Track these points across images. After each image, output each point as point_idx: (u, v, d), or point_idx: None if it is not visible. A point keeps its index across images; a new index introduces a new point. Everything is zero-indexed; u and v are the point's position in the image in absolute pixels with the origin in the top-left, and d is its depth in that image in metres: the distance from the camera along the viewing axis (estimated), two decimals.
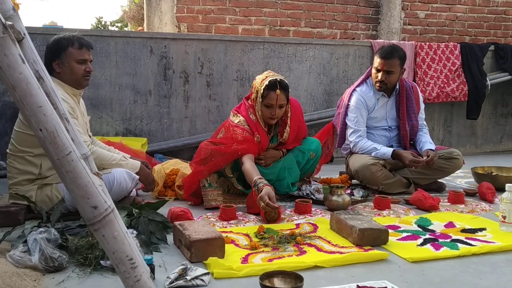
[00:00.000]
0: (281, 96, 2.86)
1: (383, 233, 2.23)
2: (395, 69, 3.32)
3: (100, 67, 4.17)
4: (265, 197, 2.45)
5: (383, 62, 3.30)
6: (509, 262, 2.05)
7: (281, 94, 2.86)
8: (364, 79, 3.52)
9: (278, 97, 2.85)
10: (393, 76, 3.33)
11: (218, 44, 4.52)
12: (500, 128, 5.71)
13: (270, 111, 2.91)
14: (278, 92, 2.84)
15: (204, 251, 2.00)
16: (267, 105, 2.90)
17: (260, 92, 2.89)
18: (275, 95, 2.85)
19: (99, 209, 1.19)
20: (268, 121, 2.97)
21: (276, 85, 2.85)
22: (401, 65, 3.35)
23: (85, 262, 1.91)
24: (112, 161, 2.67)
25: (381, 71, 3.32)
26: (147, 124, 4.37)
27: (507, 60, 5.44)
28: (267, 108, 2.91)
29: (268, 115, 2.93)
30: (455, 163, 3.38)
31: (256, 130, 2.96)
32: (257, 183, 2.62)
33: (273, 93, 2.85)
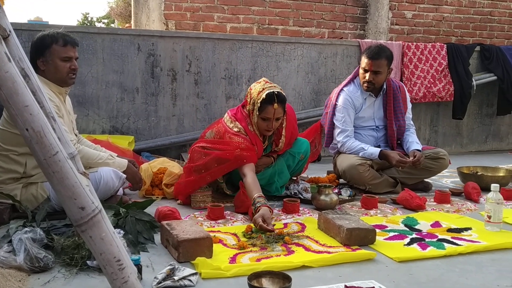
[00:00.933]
0: (278, 109, 2.80)
1: (371, 233, 2.24)
2: (382, 69, 3.33)
3: (87, 64, 4.13)
4: (258, 219, 2.36)
5: (371, 63, 3.31)
6: (495, 262, 2.08)
7: (279, 107, 2.80)
8: (352, 79, 3.53)
9: (275, 111, 2.79)
10: (380, 76, 3.35)
11: (206, 42, 4.51)
12: (485, 128, 5.78)
13: (267, 124, 2.85)
14: (276, 106, 2.78)
15: (192, 251, 1.98)
16: (263, 118, 2.84)
17: (257, 104, 2.82)
18: (273, 109, 2.79)
19: (86, 210, 1.18)
20: (264, 133, 2.93)
21: (274, 98, 2.78)
22: (388, 65, 3.37)
23: (71, 262, 1.89)
24: (98, 160, 2.65)
25: (369, 72, 3.33)
26: (134, 122, 4.34)
27: (492, 61, 5.51)
28: (264, 121, 2.85)
29: (264, 127, 2.88)
30: (441, 163, 3.41)
31: (255, 141, 2.91)
32: (255, 202, 2.52)
33: (270, 107, 2.79)
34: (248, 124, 2.93)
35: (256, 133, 2.94)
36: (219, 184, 3.03)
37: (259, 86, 2.88)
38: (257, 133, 2.94)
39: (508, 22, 7.03)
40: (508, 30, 7.05)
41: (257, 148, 2.91)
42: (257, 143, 2.92)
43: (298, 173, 3.35)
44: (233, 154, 2.79)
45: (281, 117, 2.90)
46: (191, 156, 2.97)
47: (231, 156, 2.78)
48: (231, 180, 3.08)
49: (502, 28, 7.00)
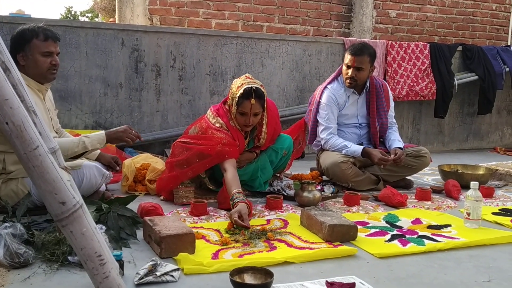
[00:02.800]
0: (255, 105, 2.81)
1: (352, 229, 2.27)
2: (365, 66, 3.37)
3: (70, 59, 4.08)
4: (234, 215, 2.36)
5: (353, 59, 3.35)
6: (472, 258, 2.12)
7: (256, 103, 2.81)
8: (335, 77, 3.56)
9: (252, 106, 2.80)
10: (363, 73, 3.38)
11: (191, 38, 4.49)
12: (466, 127, 5.87)
13: (245, 119, 2.87)
14: (253, 101, 2.79)
15: (175, 247, 1.98)
16: (241, 112, 2.85)
17: (235, 99, 2.84)
18: (250, 104, 2.80)
19: (67, 205, 1.17)
20: (242, 128, 2.94)
21: (251, 93, 2.79)
22: (371, 62, 3.40)
23: (52, 258, 1.87)
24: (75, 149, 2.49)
25: (351, 68, 3.37)
26: (118, 117, 4.31)
27: (474, 61, 5.59)
28: (242, 116, 2.86)
29: (242, 122, 2.89)
30: (423, 161, 3.45)
31: (236, 137, 2.91)
32: (233, 198, 2.54)
33: (247, 102, 2.80)
34: (230, 119, 2.94)
35: (237, 128, 2.94)
36: (201, 179, 3.03)
37: (240, 81, 2.89)
38: (239, 128, 2.95)
39: (490, 23, 7.14)
40: (489, 30, 7.16)
41: (239, 143, 2.92)
42: (238, 138, 2.93)
43: (282, 170, 3.36)
44: (215, 149, 2.79)
45: (260, 113, 2.90)
46: (173, 151, 2.97)
47: (213, 151, 2.79)
48: (214, 176, 3.08)
49: (484, 29, 7.11)
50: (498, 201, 3.17)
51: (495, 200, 3.19)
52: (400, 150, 3.33)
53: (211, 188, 3.04)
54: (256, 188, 3.09)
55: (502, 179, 3.82)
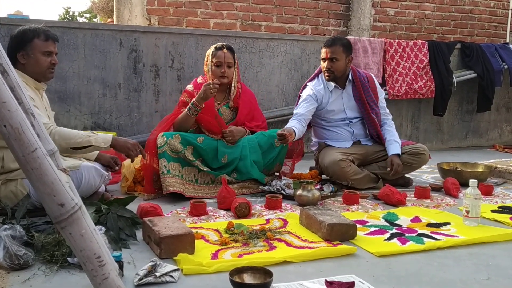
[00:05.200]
0: (228, 54, 3.24)
1: (352, 228, 2.27)
2: (339, 56, 3.38)
3: (68, 60, 4.08)
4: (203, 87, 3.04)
5: (326, 50, 3.40)
6: (472, 256, 2.12)
7: (228, 53, 3.25)
8: (316, 74, 3.62)
9: (225, 55, 3.23)
10: (338, 63, 3.39)
11: (189, 38, 4.49)
12: (465, 125, 5.87)
13: (220, 70, 3.23)
14: (225, 51, 3.24)
15: (174, 247, 1.99)
16: (216, 64, 3.23)
17: (210, 55, 3.27)
18: (223, 53, 3.23)
19: (65, 207, 1.17)
20: (219, 80, 3.22)
21: (223, 46, 3.27)
22: (345, 52, 3.41)
23: (51, 260, 1.88)
24: (78, 139, 2.49)
25: (326, 60, 3.40)
26: (117, 118, 4.30)
27: (472, 58, 5.58)
28: (217, 68, 3.24)
29: (218, 73, 3.23)
30: (422, 158, 3.46)
31: (198, 89, 3.19)
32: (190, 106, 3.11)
33: (220, 52, 3.23)
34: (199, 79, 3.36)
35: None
36: (193, 165, 3.08)
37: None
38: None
39: (488, 20, 7.13)
40: (488, 28, 7.15)
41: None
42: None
43: (279, 166, 3.40)
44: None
45: (232, 65, 3.29)
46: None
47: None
48: (206, 163, 3.15)
49: (482, 26, 7.10)
50: (497, 199, 3.17)
51: (494, 198, 3.19)
52: (396, 158, 3.33)
53: (205, 170, 3.09)
54: (249, 169, 3.13)
55: (501, 177, 3.83)
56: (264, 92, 4.82)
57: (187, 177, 3.05)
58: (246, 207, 2.63)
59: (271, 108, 4.85)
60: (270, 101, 4.86)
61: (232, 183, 3.13)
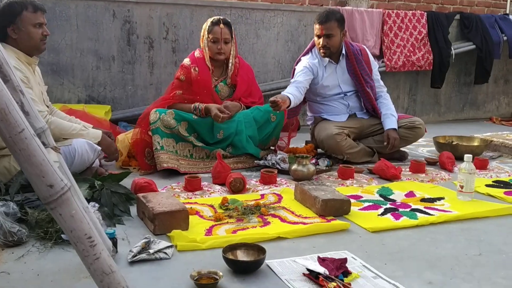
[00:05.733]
0: (224, 30, 3.13)
1: (345, 204, 2.28)
2: (334, 32, 3.33)
3: (60, 31, 4.01)
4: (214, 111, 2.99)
5: (321, 27, 3.33)
6: (464, 231, 2.14)
7: (225, 28, 3.14)
8: (310, 49, 3.56)
9: (222, 30, 3.12)
10: (334, 39, 3.35)
11: (184, 8, 4.40)
12: (463, 97, 5.84)
13: (217, 46, 3.14)
14: (222, 26, 3.13)
15: (168, 224, 1.99)
16: (213, 40, 3.14)
17: (206, 30, 3.17)
18: (219, 29, 3.12)
19: (55, 188, 1.16)
20: (216, 56, 3.17)
21: (219, 21, 3.15)
22: (340, 27, 3.36)
23: (45, 236, 1.88)
24: (72, 131, 2.61)
25: (322, 37, 3.34)
26: (111, 91, 4.26)
27: (471, 30, 5.51)
28: (214, 44, 3.14)
29: (215, 50, 3.15)
30: (417, 132, 3.45)
31: (196, 64, 3.17)
32: (196, 107, 3.07)
33: (217, 27, 3.13)
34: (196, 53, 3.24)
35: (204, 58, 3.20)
36: (188, 141, 3.07)
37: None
38: (206, 58, 3.19)
39: None
40: None
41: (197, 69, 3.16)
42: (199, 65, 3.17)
43: (275, 140, 3.39)
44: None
45: (229, 40, 3.18)
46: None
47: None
48: (200, 138, 3.13)
49: None
50: (492, 173, 3.18)
51: (489, 172, 3.20)
52: (392, 132, 3.33)
53: (200, 145, 3.09)
54: (244, 144, 3.13)
55: (497, 150, 3.83)
56: (260, 64, 4.76)
57: (182, 152, 3.04)
58: (241, 182, 2.63)
59: (267, 80, 4.81)
60: (266, 73, 4.81)
61: (227, 158, 3.12)
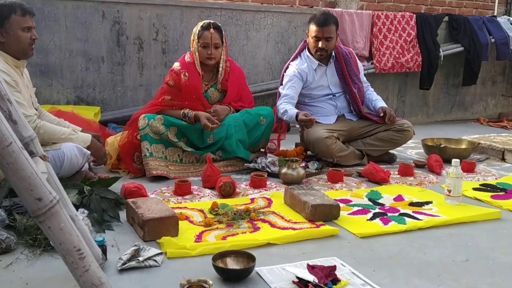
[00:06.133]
0: (215, 35, 3.10)
1: (335, 209, 2.29)
2: (333, 35, 3.42)
3: (49, 32, 3.98)
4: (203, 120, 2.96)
5: (322, 30, 3.38)
6: (452, 236, 2.16)
7: (215, 33, 3.10)
8: (298, 53, 3.60)
9: (212, 35, 3.09)
10: (332, 42, 3.43)
11: (174, 10, 4.39)
12: (451, 98, 5.89)
13: (207, 51, 3.11)
14: (212, 31, 3.09)
15: (158, 230, 1.99)
16: (203, 45, 3.11)
17: (196, 34, 3.13)
18: (210, 34, 3.09)
19: (43, 201, 1.16)
20: (206, 61, 3.15)
21: (210, 25, 3.12)
22: (336, 30, 3.47)
23: (34, 243, 1.87)
24: (61, 136, 2.59)
25: (321, 39, 3.39)
26: (100, 92, 4.24)
27: (460, 31, 5.56)
28: (204, 49, 3.12)
29: (205, 55, 3.12)
30: (406, 135, 3.48)
31: (186, 69, 3.14)
32: (185, 114, 3.06)
33: (207, 32, 3.09)
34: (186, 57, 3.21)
35: (194, 63, 3.18)
36: (177, 146, 3.06)
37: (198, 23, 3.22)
38: (196, 63, 3.17)
39: None
40: None
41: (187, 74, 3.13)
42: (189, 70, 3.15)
43: (265, 142, 3.40)
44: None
45: (220, 45, 3.15)
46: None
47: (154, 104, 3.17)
48: (189, 143, 3.13)
49: None
50: (479, 176, 3.22)
51: (476, 175, 3.23)
52: (386, 107, 3.47)
53: (189, 151, 3.09)
54: (234, 148, 3.13)
55: (484, 153, 3.87)
56: (251, 66, 4.76)
57: (171, 157, 3.03)
58: (230, 187, 2.63)
59: (258, 81, 4.81)
60: (256, 74, 4.82)
61: (217, 161, 3.12)
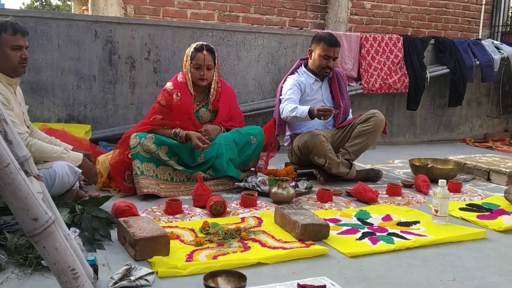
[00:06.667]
0: (207, 56, 3.15)
1: (324, 228, 2.32)
2: (338, 55, 3.68)
3: (41, 51, 4.00)
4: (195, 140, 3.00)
5: (334, 50, 3.57)
6: (439, 256, 2.20)
7: (208, 55, 3.16)
8: (295, 69, 3.76)
9: (205, 57, 3.14)
10: (336, 62, 3.70)
11: (166, 29, 4.45)
12: (438, 119, 6.00)
13: (199, 72, 3.16)
14: (205, 52, 3.15)
15: (149, 249, 2.00)
16: (195, 66, 3.16)
17: (189, 56, 3.19)
18: (202, 55, 3.14)
19: (39, 221, 1.17)
20: (198, 82, 3.20)
21: (203, 47, 3.17)
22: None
23: (25, 263, 1.87)
24: (53, 154, 2.60)
25: (330, 58, 3.58)
26: (91, 110, 4.26)
27: (446, 54, 5.69)
28: (196, 70, 3.17)
29: (197, 76, 3.17)
30: (375, 121, 3.49)
31: (178, 89, 3.19)
32: (177, 133, 3.08)
33: (200, 54, 3.15)
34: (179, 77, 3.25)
35: (186, 83, 3.22)
36: (168, 165, 3.09)
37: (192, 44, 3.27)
38: (188, 83, 3.22)
39: (462, 15, 7.26)
40: (461, 22, 7.28)
41: (180, 94, 3.18)
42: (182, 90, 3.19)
43: (255, 161, 3.42)
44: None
45: (212, 67, 3.20)
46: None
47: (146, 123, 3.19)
48: (180, 162, 3.16)
49: (456, 21, 7.23)
50: (465, 196, 3.27)
51: (463, 195, 3.29)
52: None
53: (180, 169, 3.11)
54: (225, 167, 3.15)
55: (470, 173, 3.93)
56: (241, 85, 4.82)
57: (162, 176, 3.05)
58: (221, 206, 2.65)
59: (248, 101, 4.87)
60: (247, 94, 4.87)
61: (207, 180, 3.14)
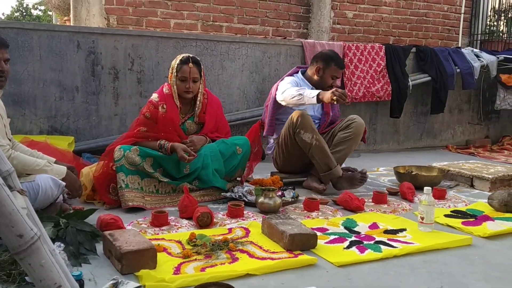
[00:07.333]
0: (193, 69, 3.15)
1: (312, 238, 2.32)
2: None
3: (23, 62, 3.95)
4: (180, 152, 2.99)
5: (342, 72, 3.83)
6: (426, 263, 2.21)
7: (194, 67, 3.15)
8: (290, 74, 3.80)
9: (191, 70, 3.14)
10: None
11: (149, 40, 4.43)
12: (420, 126, 6.07)
13: (185, 85, 3.15)
14: (191, 65, 3.14)
15: (136, 263, 1.97)
16: (181, 78, 3.15)
17: (175, 68, 3.17)
18: (188, 68, 3.13)
19: (24, 238, 1.15)
20: (184, 95, 3.19)
21: (189, 59, 3.17)
22: None
23: (8, 279, 1.82)
24: (35, 167, 2.55)
25: (337, 79, 3.73)
26: (74, 121, 4.21)
27: (427, 62, 5.77)
28: (182, 82, 3.16)
29: (183, 88, 3.16)
30: (355, 126, 3.52)
31: (164, 101, 3.18)
32: (162, 145, 3.07)
33: (186, 66, 3.14)
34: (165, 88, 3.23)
35: (172, 95, 3.21)
36: (153, 177, 3.06)
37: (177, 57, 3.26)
38: (174, 95, 3.21)
39: (442, 24, 7.39)
40: (441, 31, 7.40)
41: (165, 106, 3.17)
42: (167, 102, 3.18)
43: (241, 171, 3.41)
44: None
45: (198, 79, 3.19)
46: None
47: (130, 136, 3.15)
48: (165, 173, 3.14)
49: (436, 29, 7.35)
50: (450, 202, 3.31)
51: (447, 202, 3.32)
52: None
53: (165, 181, 3.08)
54: (210, 178, 3.14)
55: (454, 179, 3.98)
56: (226, 95, 4.82)
57: (147, 188, 3.02)
58: (208, 217, 2.63)
59: (233, 110, 4.86)
60: (231, 104, 4.87)
61: (193, 191, 3.12)
